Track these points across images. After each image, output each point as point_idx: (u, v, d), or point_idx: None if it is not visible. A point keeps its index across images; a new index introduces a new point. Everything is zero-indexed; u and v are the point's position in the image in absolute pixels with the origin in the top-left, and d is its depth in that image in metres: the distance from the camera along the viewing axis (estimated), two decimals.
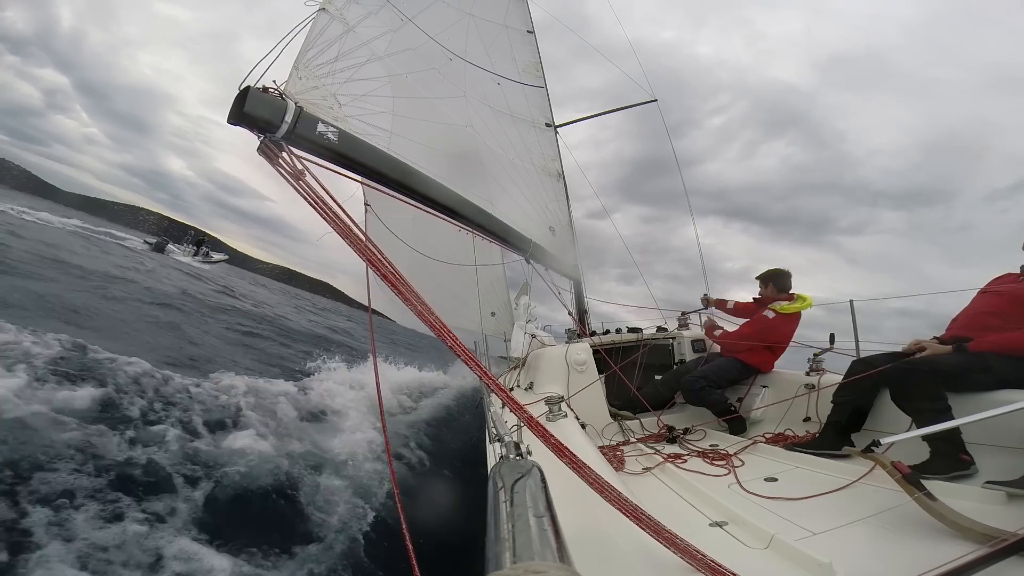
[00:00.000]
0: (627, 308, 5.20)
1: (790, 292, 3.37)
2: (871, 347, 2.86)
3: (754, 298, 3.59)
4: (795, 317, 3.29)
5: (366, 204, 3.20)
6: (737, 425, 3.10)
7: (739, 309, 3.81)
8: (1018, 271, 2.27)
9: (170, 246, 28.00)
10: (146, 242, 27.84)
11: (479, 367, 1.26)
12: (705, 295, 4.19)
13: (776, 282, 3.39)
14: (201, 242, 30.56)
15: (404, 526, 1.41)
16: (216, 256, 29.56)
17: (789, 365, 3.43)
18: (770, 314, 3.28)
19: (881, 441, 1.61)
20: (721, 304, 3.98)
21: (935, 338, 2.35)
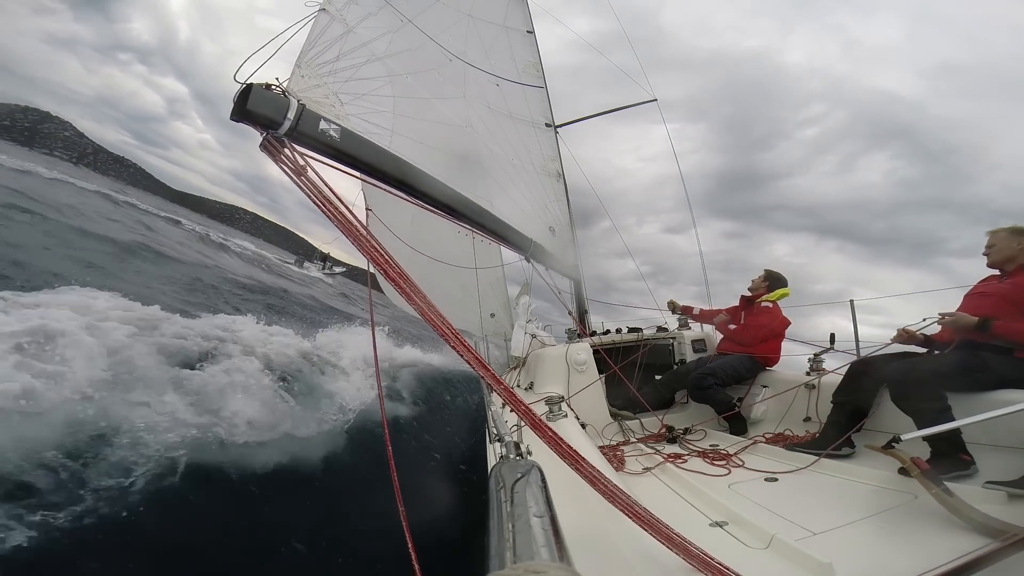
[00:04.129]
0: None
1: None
2: (871, 347, 2.87)
3: (743, 296, 3.70)
4: (779, 306, 3.56)
5: (368, 209, 3.20)
6: (738, 425, 3.10)
7: (705, 315, 4.06)
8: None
9: (306, 263, 36.54)
10: (290, 263, 34.83)
11: (481, 364, 1.26)
12: (671, 300, 4.32)
13: (774, 283, 3.57)
14: (325, 258, 38.15)
15: (405, 524, 1.41)
16: (337, 269, 36.92)
17: (788, 365, 3.46)
18: (769, 304, 3.48)
19: (902, 437, 1.62)
20: (687, 310, 4.19)
21: (923, 334, 2.36)
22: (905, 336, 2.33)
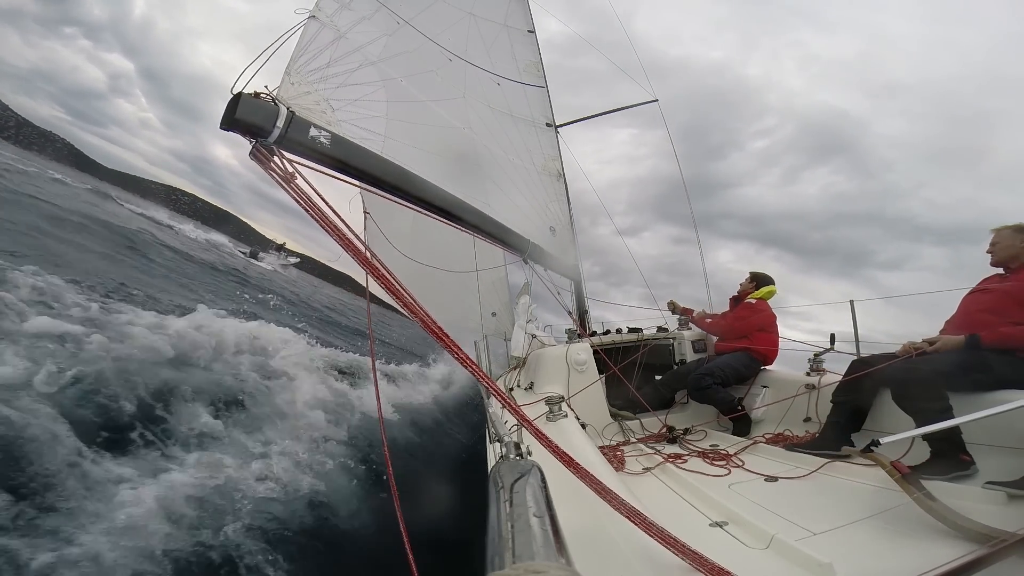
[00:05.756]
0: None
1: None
2: (871, 347, 2.87)
3: (732, 297, 3.87)
4: (766, 302, 3.67)
5: (365, 212, 3.19)
6: (742, 425, 3.09)
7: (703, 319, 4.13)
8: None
9: (261, 253, 35.65)
10: (243, 253, 33.44)
11: (480, 372, 1.27)
12: (671, 301, 4.38)
13: (760, 283, 3.69)
14: (280, 247, 37.72)
15: (402, 525, 1.41)
16: (291, 260, 35.78)
17: (788, 366, 3.47)
18: (752, 301, 3.62)
19: (881, 441, 1.61)
20: (688, 312, 4.27)
21: (925, 341, 2.35)
22: (910, 350, 2.32)
